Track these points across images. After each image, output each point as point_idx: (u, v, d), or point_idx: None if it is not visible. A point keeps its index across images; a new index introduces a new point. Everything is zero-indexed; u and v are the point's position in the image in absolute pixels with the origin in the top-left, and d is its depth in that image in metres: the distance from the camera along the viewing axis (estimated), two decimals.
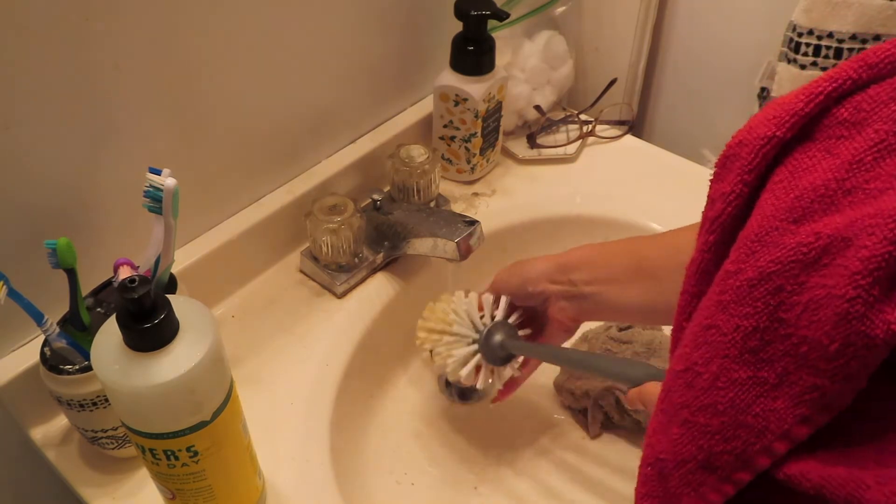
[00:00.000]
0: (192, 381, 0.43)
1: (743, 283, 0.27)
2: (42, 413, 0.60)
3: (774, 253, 0.27)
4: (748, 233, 0.28)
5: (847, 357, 0.24)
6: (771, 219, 0.27)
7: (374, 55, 0.76)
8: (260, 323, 0.69)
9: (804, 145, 0.28)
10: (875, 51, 0.28)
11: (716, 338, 0.28)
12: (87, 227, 0.58)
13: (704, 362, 0.29)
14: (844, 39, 0.77)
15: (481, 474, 0.68)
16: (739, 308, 0.27)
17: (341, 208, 0.69)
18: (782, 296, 0.26)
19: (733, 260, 0.28)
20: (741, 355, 0.27)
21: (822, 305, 0.25)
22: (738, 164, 0.30)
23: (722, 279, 0.29)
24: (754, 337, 0.27)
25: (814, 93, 0.28)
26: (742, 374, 0.27)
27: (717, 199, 0.30)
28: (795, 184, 0.28)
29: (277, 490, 0.57)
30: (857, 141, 0.27)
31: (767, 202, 0.28)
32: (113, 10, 0.52)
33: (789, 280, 0.26)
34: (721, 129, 0.97)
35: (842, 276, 0.24)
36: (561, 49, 0.89)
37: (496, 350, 0.61)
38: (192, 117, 0.62)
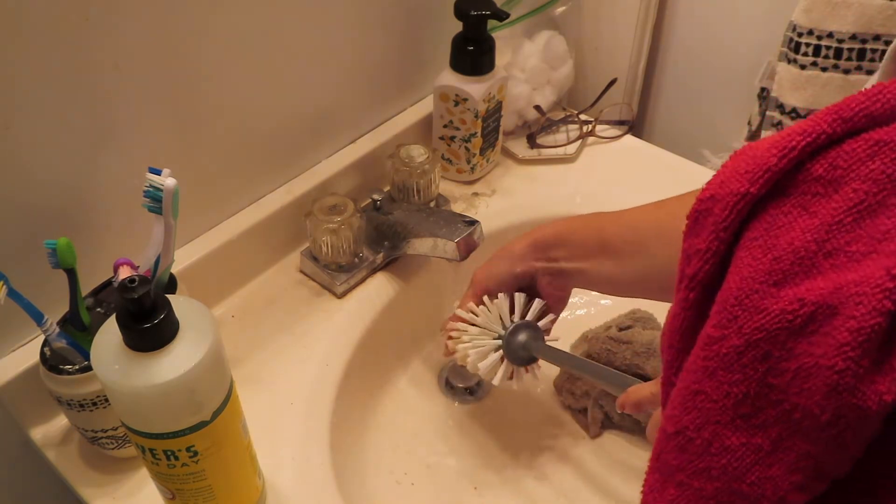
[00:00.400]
0: (192, 381, 0.43)
1: (730, 351, 0.27)
2: (42, 413, 0.60)
3: (758, 320, 0.26)
4: (727, 295, 0.28)
5: (840, 428, 0.24)
6: (750, 281, 0.27)
7: (374, 55, 0.76)
8: (260, 323, 0.69)
9: (778, 200, 0.28)
10: (849, 103, 0.27)
11: (705, 404, 0.28)
12: (87, 227, 0.58)
13: (696, 427, 0.29)
14: (844, 39, 0.77)
15: (481, 474, 0.68)
16: (728, 375, 0.27)
17: (341, 208, 0.69)
18: (770, 362, 0.26)
19: (715, 324, 0.28)
20: (733, 421, 0.27)
21: (811, 374, 0.25)
22: (711, 219, 0.29)
23: (706, 343, 0.28)
24: (745, 403, 0.27)
25: (787, 147, 0.28)
26: (735, 440, 0.27)
27: (693, 256, 0.30)
28: (772, 243, 0.27)
29: (277, 490, 0.57)
30: (835, 200, 0.26)
31: (744, 262, 0.28)
32: (113, 10, 0.52)
33: (776, 346, 0.26)
34: (721, 129, 0.97)
35: (830, 346, 0.24)
36: (561, 49, 0.89)
37: (518, 350, 0.61)
38: (192, 117, 0.62)
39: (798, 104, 0.83)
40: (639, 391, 0.50)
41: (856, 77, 0.79)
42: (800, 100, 0.82)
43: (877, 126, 0.26)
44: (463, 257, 0.65)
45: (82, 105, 0.53)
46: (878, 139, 0.26)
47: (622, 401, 0.51)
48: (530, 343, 0.61)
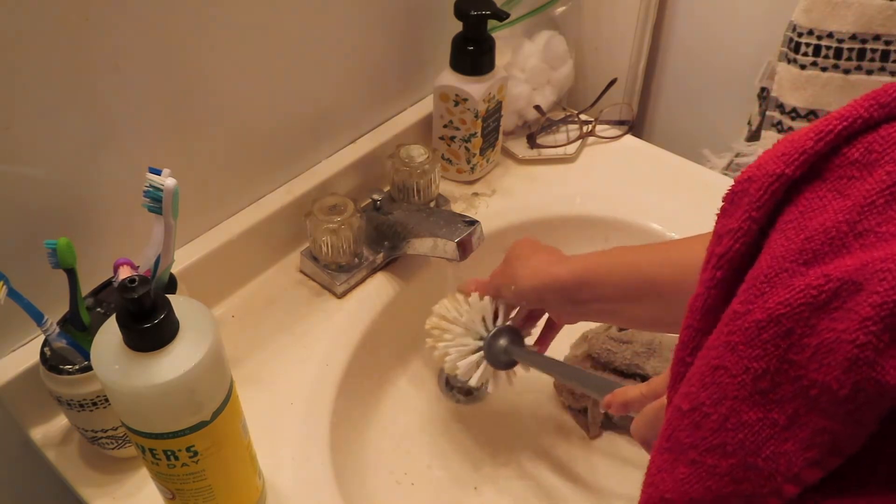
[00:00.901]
0: (192, 381, 0.43)
1: (752, 325, 0.27)
2: (42, 413, 0.60)
3: (783, 294, 0.26)
4: (757, 273, 0.28)
5: (857, 402, 0.24)
6: (781, 260, 0.27)
7: (374, 55, 0.76)
8: (260, 323, 0.69)
9: (814, 184, 0.28)
10: (887, 89, 0.27)
11: (725, 379, 0.28)
12: (87, 227, 0.58)
13: (713, 403, 0.29)
14: (844, 39, 0.77)
15: (481, 474, 0.68)
16: (749, 350, 0.27)
17: (341, 208, 0.69)
18: (792, 338, 0.26)
19: (742, 300, 0.28)
20: (751, 396, 0.27)
21: (832, 350, 0.25)
22: (745, 200, 0.29)
23: (731, 319, 0.29)
24: (764, 378, 0.27)
25: (823, 130, 0.28)
26: (752, 415, 0.27)
27: (724, 235, 0.30)
28: (805, 224, 0.27)
29: (277, 490, 0.57)
30: (869, 182, 0.27)
31: (777, 242, 0.28)
32: (113, 10, 0.52)
33: (799, 323, 0.26)
34: (721, 129, 0.97)
35: (852, 321, 0.24)
36: (561, 49, 0.89)
37: (499, 354, 0.62)
38: (192, 117, 0.62)
39: (798, 104, 0.83)
40: (626, 392, 0.49)
41: (856, 77, 0.79)
42: (800, 100, 0.82)
43: None
44: (463, 257, 0.65)
45: (82, 105, 0.53)
46: None
47: (609, 400, 0.50)
48: (511, 348, 0.62)
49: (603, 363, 0.72)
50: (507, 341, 0.62)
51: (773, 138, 0.86)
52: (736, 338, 0.28)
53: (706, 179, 0.86)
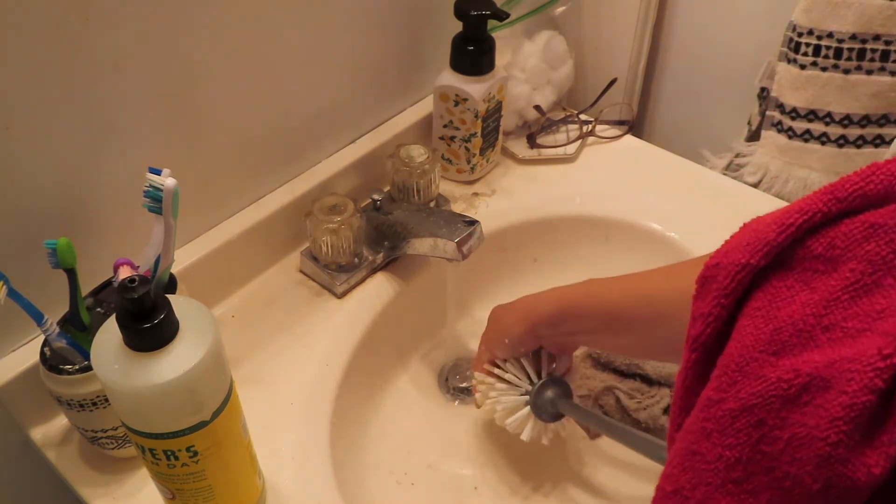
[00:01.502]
0: (192, 381, 0.43)
1: (725, 414, 0.28)
2: (42, 413, 0.60)
3: (755, 386, 0.28)
4: (728, 360, 0.29)
5: (830, 497, 0.25)
6: (751, 349, 0.29)
7: (374, 55, 0.76)
8: (260, 323, 0.69)
9: (781, 274, 0.30)
10: (843, 183, 0.29)
11: (700, 465, 0.29)
12: (87, 227, 0.58)
13: (691, 487, 0.30)
14: (844, 39, 0.77)
15: (481, 474, 0.68)
16: (722, 438, 0.28)
17: (341, 208, 0.69)
18: (764, 429, 0.27)
19: (715, 388, 0.29)
20: (724, 485, 0.28)
21: (803, 444, 0.26)
22: (714, 286, 0.31)
23: (705, 405, 0.30)
24: (737, 468, 0.28)
25: (785, 223, 0.30)
26: (725, 503, 0.28)
27: (698, 319, 0.32)
28: (774, 314, 0.29)
29: (277, 490, 0.57)
30: (833, 278, 0.28)
31: (747, 330, 0.29)
32: (113, 10, 0.52)
33: (770, 414, 0.27)
34: (721, 129, 0.97)
35: (822, 419, 0.25)
36: (561, 49, 0.89)
37: (546, 405, 0.62)
38: (192, 117, 0.62)
39: (798, 104, 0.83)
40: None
41: (856, 77, 0.79)
42: (800, 100, 0.83)
43: (871, 206, 0.29)
44: (463, 257, 0.65)
45: (82, 105, 0.53)
46: (873, 222, 0.28)
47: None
48: (557, 400, 0.62)
49: (603, 363, 0.72)
50: (553, 393, 0.62)
51: (773, 138, 0.86)
52: (710, 425, 0.29)
53: (706, 179, 0.86)
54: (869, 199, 0.29)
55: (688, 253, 0.75)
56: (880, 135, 0.82)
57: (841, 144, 0.83)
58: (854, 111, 0.81)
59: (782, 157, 0.87)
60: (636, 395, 0.69)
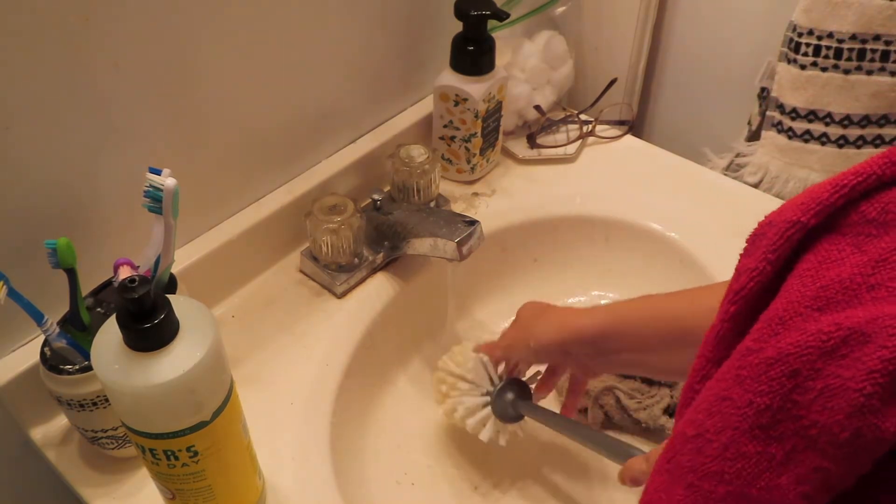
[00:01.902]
0: (192, 381, 0.43)
1: (762, 362, 0.29)
2: (42, 413, 0.60)
3: (795, 337, 0.28)
4: (772, 314, 0.30)
5: (856, 447, 0.26)
6: (796, 304, 0.29)
7: (374, 55, 0.76)
8: (260, 323, 0.69)
9: (832, 236, 0.30)
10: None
11: (729, 409, 0.30)
12: (87, 227, 0.58)
13: (716, 431, 0.30)
14: (844, 39, 0.77)
15: (481, 474, 0.68)
16: (755, 385, 0.29)
17: (341, 208, 0.69)
18: (798, 379, 0.28)
19: (755, 338, 0.30)
20: (751, 430, 0.29)
21: (836, 394, 0.26)
22: (764, 242, 0.32)
23: (742, 355, 0.30)
24: (766, 414, 0.28)
25: (839, 184, 0.30)
26: (751, 448, 0.29)
27: (743, 273, 0.32)
28: (823, 274, 0.29)
29: (277, 490, 0.57)
30: (885, 241, 0.29)
31: (794, 287, 0.30)
32: (113, 10, 0.52)
33: (806, 365, 0.27)
34: (721, 129, 0.97)
35: (859, 371, 0.26)
36: (561, 49, 0.89)
37: (507, 407, 0.63)
38: (193, 117, 0.62)
39: (798, 104, 0.83)
40: (633, 465, 0.50)
41: (856, 77, 0.79)
42: (800, 100, 0.82)
43: None
44: (463, 257, 0.65)
45: (82, 105, 0.53)
46: None
47: (621, 477, 0.52)
48: (518, 402, 0.62)
49: None
50: (514, 395, 0.63)
51: (774, 138, 0.86)
52: (745, 372, 0.29)
53: (706, 179, 0.86)
54: None
55: (688, 253, 0.75)
56: (880, 135, 0.82)
57: (841, 145, 0.83)
58: (854, 111, 0.81)
59: (782, 158, 0.87)
60: (636, 395, 0.69)
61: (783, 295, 0.30)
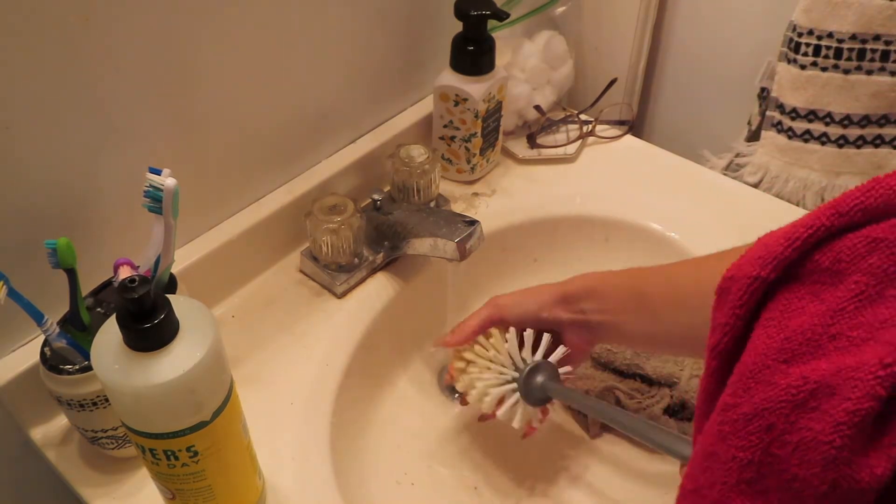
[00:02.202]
0: (192, 381, 0.43)
1: (740, 417, 0.30)
2: (42, 413, 0.60)
3: (767, 392, 0.30)
4: (743, 368, 0.31)
5: (836, 498, 0.27)
6: (763, 357, 0.30)
7: (374, 55, 0.76)
8: (260, 323, 0.69)
9: (792, 286, 0.32)
10: (846, 198, 0.31)
11: (716, 465, 0.31)
12: (87, 227, 0.58)
13: (708, 486, 0.32)
14: (844, 39, 0.77)
15: (481, 474, 0.68)
16: (736, 440, 0.30)
17: (341, 208, 0.69)
18: (774, 433, 0.29)
19: (731, 393, 0.31)
20: (738, 484, 0.30)
21: (810, 447, 0.28)
22: (730, 298, 0.33)
23: (722, 409, 0.32)
24: (749, 469, 0.30)
25: (792, 237, 0.32)
26: (738, 502, 0.30)
27: (716, 329, 0.34)
28: (785, 324, 0.31)
29: (277, 490, 0.57)
30: (840, 290, 0.30)
31: (760, 339, 0.31)
32: (113, 10, 0.52)
33: (780, 419, 0.29)
34: (721, 129, 0.97)
35: (827, 423, 0.27)
36: (561, 49, 0.89)
37: (535, 390, 0.60)
38: (193, 117, 0.62)
39: (798, 104, 0.83)
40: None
41: (856, 77, 0.79)
42: (800, 100, 0.83)
43: (872, 221, 0.31)
44: (463, 257, 0.65)
45: (82, 105, 0.53)
46: (875, 236, 0.30)
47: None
48: (548, 384, 0.60)
49: (603, 363, 0.72)
50: (543, 378, 0.60)
51: (773, 138, 0.86)
52: (726, 428, 0.31)
53: (706, 179, 0.86)
54: (869, 213, 0.31)
55: (688, 253, 0.75)
56: (880, 135, 0.82)
57: (841, 144, 0.83)
58: (854, 111, 0.81)
59: (782, 158, 0.87)
60: (636, 395, 0.69)
61: (751, 347, 0.32)
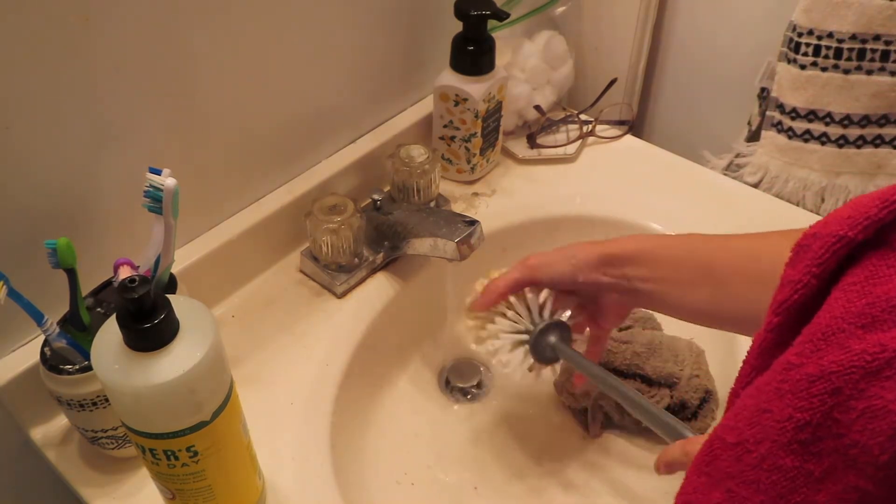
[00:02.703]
0: (192, 381, 0.43)
1: (803, 378, 0.29)
2: (42, 413, 0.60)
3: (838, 355, 0.28)
4: (815, 329, 0.30)
5: (893, 469, 0.26)
6: (840, 320, 0.29)
7: (374, 55, 0.76)
8: (260, 323, 0.69)
9: (881, 251, 0.29)
10: None
11: (769, 422, 0.30)
12: (87, 227, 0.58)
13: (756, 441, 0.30)
14: (844, 39, 0.77)
15: (481, 474, 0.68)
16: (796, 400, 0.29)
17: (341, 208, 0.69)
18: (840, 398, 0.27)
19: (798, 353, 0.30)
20: (789, 444, 0.29)
21: (877, 416, 0.26)
22: (808, 255, 0.31)
23: (784, 368, 0.30)
24: (806, 430, 0.28)
25: (889, 199, 0.29)
26: (788, 461, 0.29)
27: (786, 285, 0.32)
28: (869, 290, 0.29)
29: (277, 490, 0.57)
30: None
31: (838, 302, 0.29)
32: (113, 10, 0.52)
33: (848, 384, 0.27)
34: (721, 130, 0.97)
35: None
36: (561, 49, 0.89)
37: (545, 349, 0.60)
38: (193, 117, 0.62)
39: (798, 104, 0.83)
40: (669, 452, 0.49)
41: (856, 77, 0.79)
42: (800, 100, 0.83)
43: None
44: (463, 257, 0.65)
45: (82, 105, 0.53)
46: None
47: (656, 464, 0.50)
48: (559, 345, 0.60)
49: (603, 363, 0.72)
50: (555, 338, 0.60)
51: (773, 138, 0.86)
52: (786, 386, 0.29)
53: (706, 179, 0.86)
54: None
55: None
56: (880, 135, 0.82)
57: (841, 144, 0.83)
58: (854, 111, 0.81)
59: (782, 158, 0.87)
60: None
61: (827, 309, 0.30)
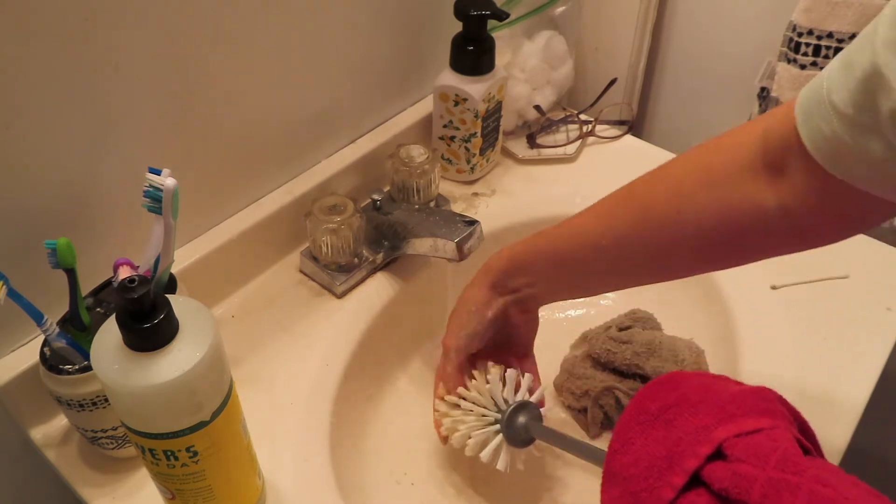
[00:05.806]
0: (192, 381, 0.43)
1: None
2: (42, 413, 0.60)
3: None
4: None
5: None
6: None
7: (374, 55, 0.76)
8: (260, 323, 0.69)
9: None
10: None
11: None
12: (87, 227, 0.58)
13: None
14: (844, 39, 0.77)
15: (481, 474, 0.68)
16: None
17: (341, 208, 0.69)
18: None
19: None
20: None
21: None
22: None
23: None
24: None
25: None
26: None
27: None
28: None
29: (277, 490, 0.57)
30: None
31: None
32: (113, 10, 0.52)
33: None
34: (721, 130, 0.97)
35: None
36: (561, 49, 0.89)
37: (519, 431, 0.59)
38: (193, 117, 0.62)
39: None
40: None
41: None
42: None
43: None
44: (463, 257, 0.65)
45: (83, 105, 0.53)
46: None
47: None
48: (532, 425, 0.59)
49: (603, 363, 0.72)
50: (525, 418, 0.59)
51: None
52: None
53: None
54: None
55: None
56: None
57: None
58: None
59: None
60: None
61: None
